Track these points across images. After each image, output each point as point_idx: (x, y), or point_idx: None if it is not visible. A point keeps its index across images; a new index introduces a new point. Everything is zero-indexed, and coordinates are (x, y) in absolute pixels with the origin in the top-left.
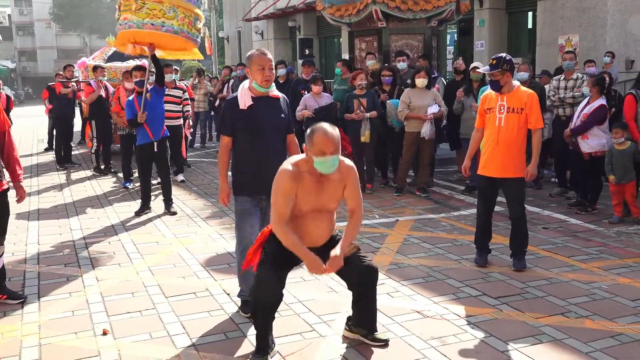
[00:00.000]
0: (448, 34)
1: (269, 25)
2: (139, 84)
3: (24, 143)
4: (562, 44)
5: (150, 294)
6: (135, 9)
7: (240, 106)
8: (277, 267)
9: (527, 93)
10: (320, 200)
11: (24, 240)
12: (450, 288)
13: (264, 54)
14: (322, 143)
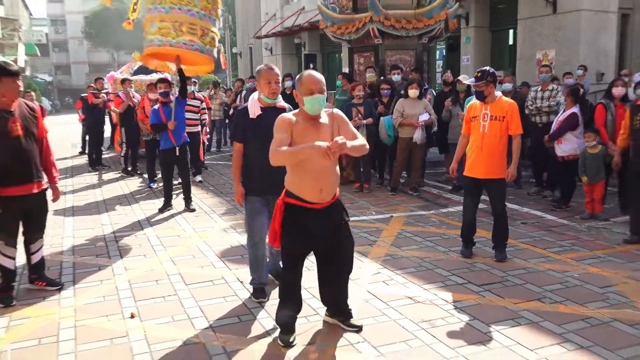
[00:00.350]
0: (437, 50)
1: (277, 42)
2: (163, 94)
3: (60, 148)
4: (539, 58)
5: (172, 282)
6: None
7: (251, 115)
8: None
9: (509, 103)
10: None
11: (60, 234)
12: (439, 277)
13: (272, 68)
14: (310, 83)
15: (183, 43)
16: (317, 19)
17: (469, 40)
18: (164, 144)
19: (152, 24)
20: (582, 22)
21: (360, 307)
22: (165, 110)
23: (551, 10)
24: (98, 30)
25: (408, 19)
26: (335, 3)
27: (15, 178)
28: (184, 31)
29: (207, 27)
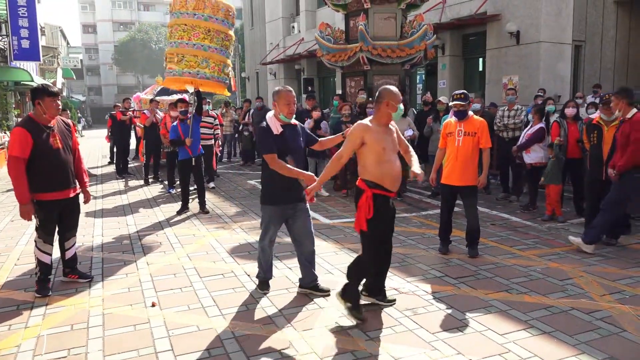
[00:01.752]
0: (418, 75)
1: (280, 68)
2: (183, 113)
3: (91, 158)
4: (505, 82)
5: (188, 275)
6: (177, 60)
7: (274, 132)
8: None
9: (479, 120)
10: (389, 143)
11: (91, 233)
12: (420, 271)
13: (290, 91)
14: (396, 97)
15: (205, 76)
16: (315, 48)
17: (444, 67)
18: (182, 155)
19: (177, 55)
20: (541, 52)
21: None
22: (183, 127)
23: (515, 42)
24: (126, 57)
25: (392, 48)
26: (330, 35)
27: (56, 184)
28: (207, 65)
29: (224, 61)
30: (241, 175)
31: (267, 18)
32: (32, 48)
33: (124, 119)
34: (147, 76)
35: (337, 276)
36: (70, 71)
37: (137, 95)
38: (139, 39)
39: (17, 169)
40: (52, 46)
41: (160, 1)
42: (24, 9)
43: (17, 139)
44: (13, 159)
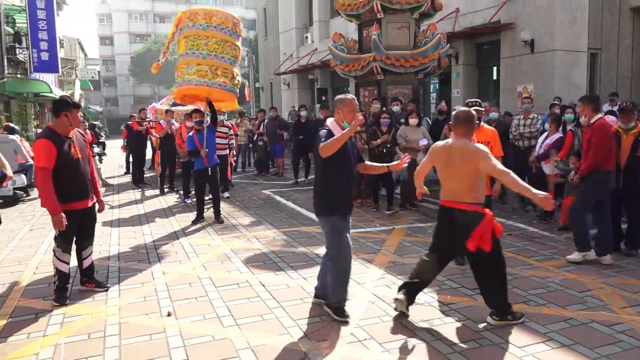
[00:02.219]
0: (431, 84)
1: (293, 78)
2: (198, 123)
3: (108, 168)
4: (520, 91)
5: (204, 285)
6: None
7: None
8: None
9: (490, 130)
10: None
11: (108, 242)
12: (436, 282)
13: (354, 98)
14: None
15: (218, 84)
16: (328, 58)
17: (458, 75)
18: (198, 165)
19: (189, 66)
20: (556, 60)
21: (366, 308)
22: (199, 137)
23: (529, 50)
24: (142, 68)
25: (406, 58)
26: (344, 45)
27: (76, 194)
28: (219, 74)
29: (231, 70)
30: (255, 185)
31: (280, 29)
32: (51, 60)
33: (140, 129)
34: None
35: (352, 286)
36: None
37: (153, 105)
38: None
39: (46, 180)
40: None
41: (175, 13)
42: (43, 22)
43: (43, 151)
44: (42, 171)
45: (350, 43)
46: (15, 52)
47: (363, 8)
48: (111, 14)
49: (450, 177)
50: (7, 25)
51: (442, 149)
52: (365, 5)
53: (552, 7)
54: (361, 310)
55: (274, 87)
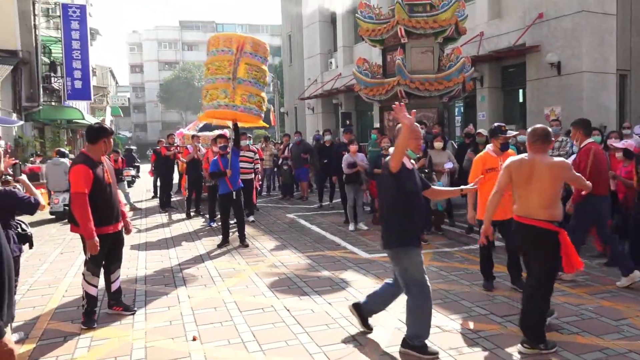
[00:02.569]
0: (456, 107)
1: (318, 103)
2: (222, 148)
3: (136, 192)
4: (547, 113)
5: (229, 309)
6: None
7: (408, 166)
8: None
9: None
10: None
11: (135, 265)
12: (464, 308)
13: (417, 125)
14: None
15: (244, 108)
16: (352, 82)
17: (484, 99)
18: (222, 189)
19: (213, 90)
20: (584, 82)
21: (392, 334)
22: (223, 161)
23: (556, 73)
24: (170, 95)
25: (430, 81)
26: (368, 69)
27: (107, 218)
28: (245, 98)
29: (258, 93)
30: (280, 209)
31: (305, 55)
32: (84, 88)
33: (167, 154)
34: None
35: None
36: (118, 109)
37: (180, 131)
38: (182, 77)
39: (85, 205)
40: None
41: (203, 41)
42: (77, 52)
43: (81, 176)
44: (80, 195)
45: (374, 68)
46: (51, 80)
47: (387, 33)
48: (142, 43)
49: (529, 193)
50: (44, 55)
51: (522, 164)
52: (389, 31)
53: (578, 30)
54: (388, 337)
55: (299, 111)
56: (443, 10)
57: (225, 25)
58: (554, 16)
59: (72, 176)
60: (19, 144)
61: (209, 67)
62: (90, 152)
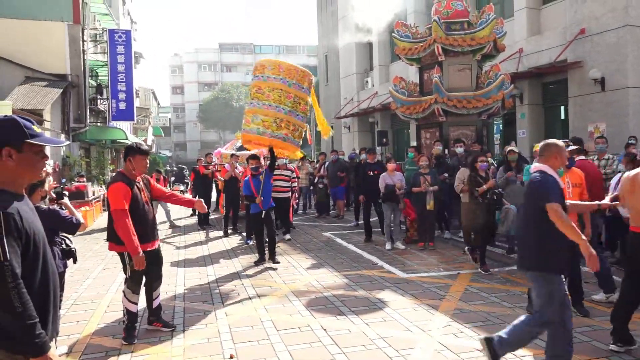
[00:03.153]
0: (495, 125)
1: (354, 121)
2: (254, 169)
3: (175, 210)
4: (591, 130)
5: (265, 327)
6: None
7: (561, 184)
8: None
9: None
10: None
11: (174, 282)
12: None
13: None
14: None
15: (281, 136)
16: (389, 101)
17: (524, 116)
18: (253, 209)
19: (255, 115)
20: (629, 97)
21: (432, 357)
22: (255, 182)
23: (600, 89)
24: (209, 115)
25: (468, 99)
26: (404, 88)
27: (145, 236)
28: (282, 126)
29: (299, 125)
30: (316, 227)
31: (341, 74)
32: (128, 109)
33: (206, 172)
34: (228, 132)
35: (416, 334)
36: (160, 129)
37: (219, 150)
38: (221, 98)
39: (127, 222)
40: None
41: (241, 62)
42: (122, 75)
43: (121, 193)
44: (122, 213)
45: (410, 86)
46: (97, 102)
47: (424, 52)
48: (182, 65)
49: None
50: (91, 78)
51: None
52: (425, 49)
53: (622, 44)
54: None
55: (335, 130)
56: (481, 28)
57: (263, 47)
58: (597, 31)
59: (111, 194)
60: (66, 163)
61: (255, 91)
62: (125, 170)
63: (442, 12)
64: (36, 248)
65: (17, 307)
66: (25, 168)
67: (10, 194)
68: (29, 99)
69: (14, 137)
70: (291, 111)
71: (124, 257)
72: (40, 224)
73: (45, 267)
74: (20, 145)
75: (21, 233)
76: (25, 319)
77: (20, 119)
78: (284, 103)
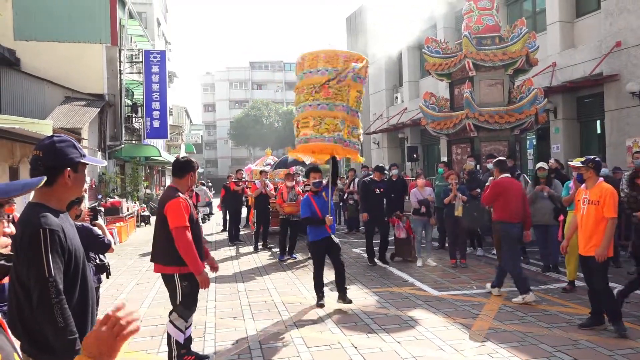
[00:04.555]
0: (527, 139)
1: (383, 137)
2: (316, 184)
3: (206, 226)
4: (629, 145)
5: (296, 344)
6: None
7: None
8: None
9: (606, 188)
10: None
11: (205, 297)
12: (544, 352)
13: None
14: None
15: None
16: (419, 117)
17: (558, 130)
18: (316, 235)
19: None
20: None
21: None
22: (318, 201)
23: (638, 102)
24: (239, 132)
25: (500, 114)
26: (435, 103)
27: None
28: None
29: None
30: (346, 244)
31: (370, 90)
32: (161, 127)
33: (236, 189)
34: (259, 149)
35: (449, 353)
36: (192, 146)
37: (249, 167)
38: (252, 115)
39: (189, 239)
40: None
41: (271, 80)
42: (157, 94)
43: (182, 209)
44: (184, 229)
45: (441, 101)
46: (132, 121)
47: (454, 67)
48: (214, 83)
49: None
50: (127, 97)
51: None
52: (456, 64)
53: None
54: None
55: (364, 146)
56: (513, 42)
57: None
58: (634, 44)
59: (172, 210)
60: (102, 180)
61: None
62: (178, 185)
63: (473, 27)
64: (77, 265)
65: (59, 322)
66: (77, 186)
67: (54, 210)
68: (68, 118)
69: (73, 157)
70: (355, 111)
71: (174, 279)
72: (79, 241)
73: (85, 283)
74: (76, 166)
75: (64, 250)
76: (67, 334)
77: (74, 140)
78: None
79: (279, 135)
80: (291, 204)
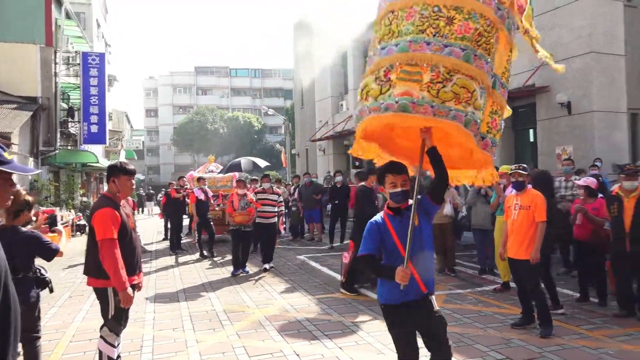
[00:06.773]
0: None
1: (329, 144)
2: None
3: (146, 234)
4: (559, 153)
5: (237, 354)
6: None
7: None
8: None
9: (536, 194)
10: None
11: (143, 309)
12: (478, 352)
13: None
14: None
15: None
16: None
17: None
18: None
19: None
20: (595, 121)
21: None
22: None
23: (566, 112)
24: (183, 138)
25: None
26: None
27: (133, 267)
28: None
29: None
30: (290, 251)
31: (316, 97)
32: (100, 133)
33: (177, 196)
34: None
35: (389, 356)
36: (133, 152)
37: (191, 173)
38: (196, 121)
39: (115, 253)
40: (117, 130)
41: (216, 85)
42: (95, 98)
43: (110, 220)
44: (111, 242)
45: None
46: (68, 125)
47: None
48: (157, 88)
49: None
50: (62, 101)
51: None
52: None
53: (588, 70)
54: None
55: (310, 153)
56: None
57: (239, 70)
58: (564, 57)
59: (98, 221)
60: (34, 188)
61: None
62: (110, 193)
63: None
64: None
65: None
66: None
67: None
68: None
69: None
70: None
71: (107, 293)
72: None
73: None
74: None
75: None
76: None
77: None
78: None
79: (223, 142)
80: (242, 213)
